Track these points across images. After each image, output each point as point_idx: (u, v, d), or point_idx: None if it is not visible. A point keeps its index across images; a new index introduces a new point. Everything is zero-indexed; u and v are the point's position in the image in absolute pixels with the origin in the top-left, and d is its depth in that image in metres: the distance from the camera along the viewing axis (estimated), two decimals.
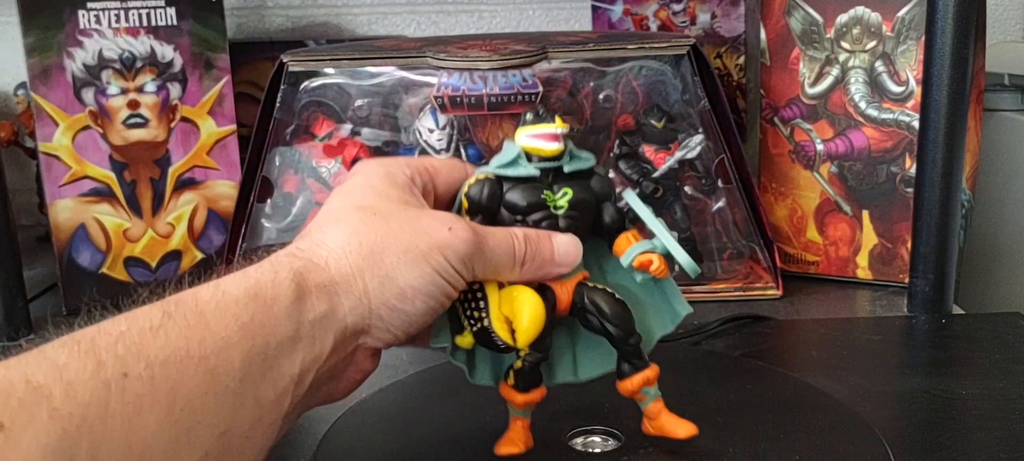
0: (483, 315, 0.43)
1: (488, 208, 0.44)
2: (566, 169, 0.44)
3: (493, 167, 0.45)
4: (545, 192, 0.44)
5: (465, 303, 0.44)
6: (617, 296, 0.45)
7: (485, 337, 0.43)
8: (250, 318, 0.37)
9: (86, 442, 0.31)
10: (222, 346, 0.36)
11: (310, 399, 0.41)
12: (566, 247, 0.44)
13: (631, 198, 0.46)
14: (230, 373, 0.36)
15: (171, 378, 0.34)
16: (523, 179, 0.44)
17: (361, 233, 0.41)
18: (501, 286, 0.44)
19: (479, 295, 0.43)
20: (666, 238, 0.44)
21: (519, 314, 0.43)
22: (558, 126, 0.43)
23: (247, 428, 0.36)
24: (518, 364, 0.45)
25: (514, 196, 0.44)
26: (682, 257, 0.44)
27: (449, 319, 0.44)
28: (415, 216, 0.42)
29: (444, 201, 0.46)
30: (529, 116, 0.44)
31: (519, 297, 0.43)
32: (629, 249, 0.45)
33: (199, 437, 0.34)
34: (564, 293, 0.45)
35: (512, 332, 0.43)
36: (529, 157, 0.44)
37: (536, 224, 0.44)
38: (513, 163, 0.44)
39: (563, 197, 0.44)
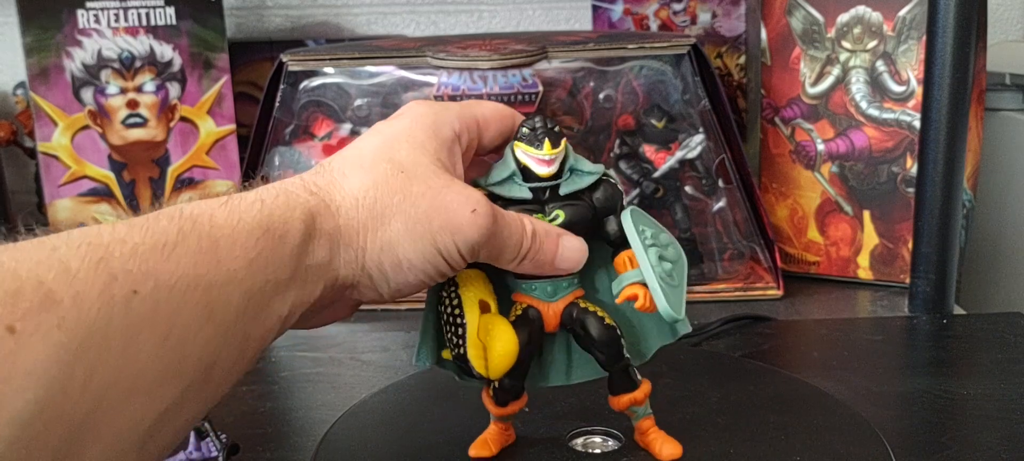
0: (461, 343, 0.42)
1: None
2: (562, 191, 0.43)
3: (489, 181, 0.43)
4: (536, 216, 0.43)
5: (448, 324, 0.43)
6: (607, 321, 0.44)
7: (463, 363, 0.43)
8: (257, 254, 0.36)
9: (85, 361, 0.30)
10: (226, 280, 0.35)
11: (283, 331, 0.40)
12: (568, 253, 0.43)
13: (626, 223, 0.43)
14: (227, 309, 0.35)
15: (173, 305, 0.33)
16: (516, 199, 0.43)
17: (379, 189, 0.39)
18: (484, 308, 0.43)
19: (459, 319, 0.42)
20: (650, 277, 0.42)
21: (491, 347, 0.42)
22: (548, 152, 0.42)
23: (231, 363, 0.36)
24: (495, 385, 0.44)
25: None
26: (660, 302, 0.41)
27: (433, 334, 0.44)
28: (442, 186, 0.40)
29: (491, 151, 0.45)
30: (525, 130, 0.43)
31: (494, 330, 0.42)
32: (620, 277, 0.43)
33: (187, 369, 0.34)
34: (552, 314, 0.44)
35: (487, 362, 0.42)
36: (526, 173, 0.43)
37: None
38: (507, 181, 0.43)
39: (554, 221, 0.43)
